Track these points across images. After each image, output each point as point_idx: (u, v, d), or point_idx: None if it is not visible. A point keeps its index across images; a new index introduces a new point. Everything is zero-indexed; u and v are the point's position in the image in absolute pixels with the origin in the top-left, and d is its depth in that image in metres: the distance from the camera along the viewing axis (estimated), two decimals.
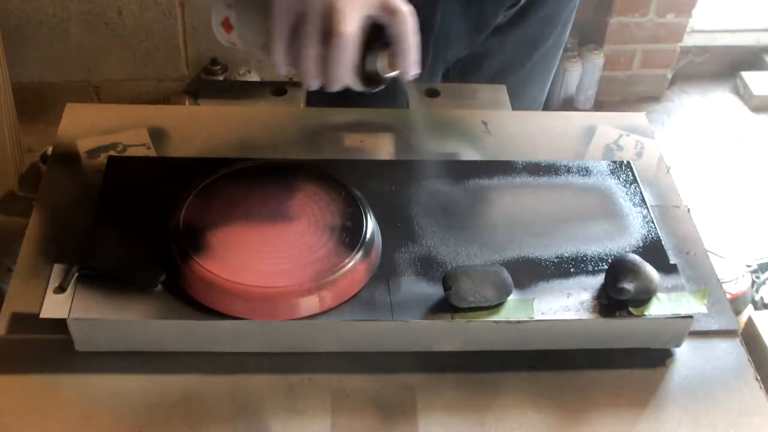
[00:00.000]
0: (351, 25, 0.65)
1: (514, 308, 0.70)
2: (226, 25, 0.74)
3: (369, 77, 0.70)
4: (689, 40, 2.59)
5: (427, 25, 1.02)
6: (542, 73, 1.18)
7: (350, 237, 0.73)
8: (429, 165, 0.85)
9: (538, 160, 0.87)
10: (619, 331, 0.72)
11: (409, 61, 0.69)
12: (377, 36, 0.68)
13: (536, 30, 1.09)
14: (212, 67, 2.28)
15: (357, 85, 0.70)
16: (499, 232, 0.78)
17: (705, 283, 0.78)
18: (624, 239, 0.78)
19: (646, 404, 0.70)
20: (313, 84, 0.69)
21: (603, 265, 0.75)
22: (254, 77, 2.29)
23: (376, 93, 0.72)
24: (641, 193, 0.83)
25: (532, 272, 0.74)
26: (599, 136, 0.94)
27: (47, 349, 0.70)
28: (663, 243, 0.78)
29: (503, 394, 0.70)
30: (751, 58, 2.71)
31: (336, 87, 0.69)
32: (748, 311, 1.86)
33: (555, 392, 0.70)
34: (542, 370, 0.72)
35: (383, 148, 0.91)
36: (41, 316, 0.67)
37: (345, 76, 0.68)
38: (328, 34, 0.65)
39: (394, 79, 0.71)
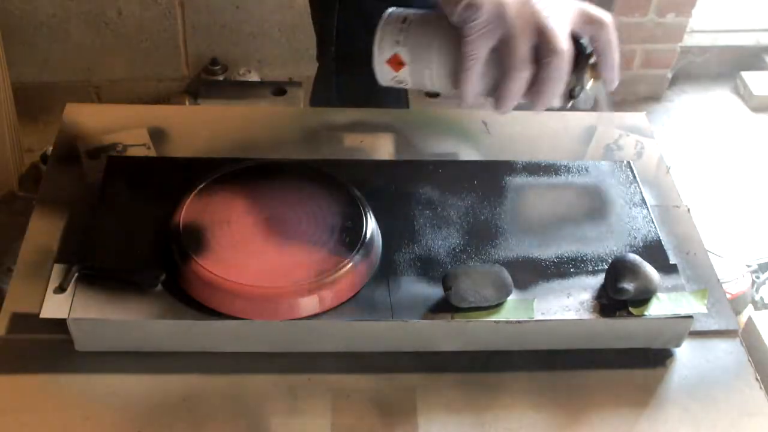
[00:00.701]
0: (567, 43, 0.64)
1: (514, 308, 0.70)
2: (395, 63, 0.70)
3: (573, 93, 0.68)
4: (689, 40, 2.59)
5: None
6: None
7: (350, 237, 0.73)
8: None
9: (538, 160, 0.87)
10: (619, 331, 0.72)
11: (615, 72, 0.68)
12: (579, 50, 0.67)
13: None
14: (212, 67, 2.27)
15: (558, 102, 0.69)
16: (499, 231, 0.78)
17: (705, 283, 0.78)
18: (624, 239, 0.78)
19: (646, 404, 0.70)
20: (511, 106, 0.67)
21: (603, 265, 0.75)
22: (254, 77, 2.29)
23: (383, 95, 0.71)
24: (641, 193, 0.83)
25: (532, 272, 0.74)
26: (599, 136, 0.94)
27: (47, 349, 0.70)
28: (663, 243, 0.78)
29: (503, 394, 0.70)
30: (751, 58, 2.71)
31: (544, 107, 0.67)
32: (748, 311, 1.86)
33: (555, 392, 0.70)
34: (542, 370, 0.72)
35: (383, 148, 0.91)
36: (41, 316, 0.67)
37: (558, 94, 0.66)
38: (545, 53, 0.63)
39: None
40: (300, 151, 0.90)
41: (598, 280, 0.73)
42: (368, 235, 0.73)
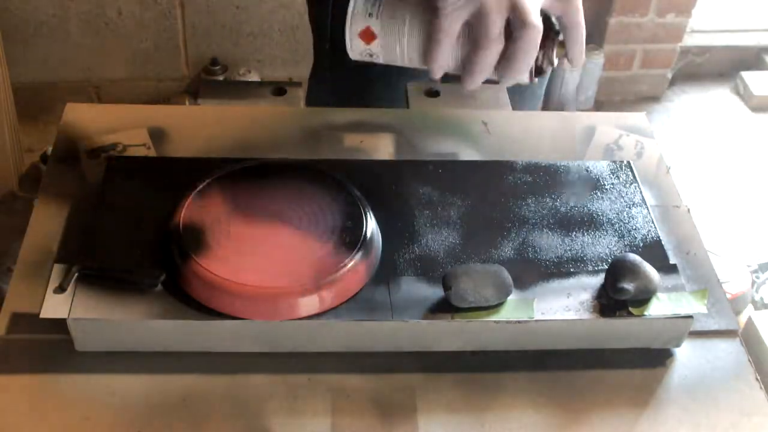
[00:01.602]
0: (538, 18, 0.66)
1: (514, 308, 0.70)
2: (367, 35, 0.72)
3: (539, 68, 0.71)
4: (689, 40, 2.59)
5: None
6: None
7: (350, 237, 0.73)
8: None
9: (538, 160, 0.87)
10: (620, 331, 0.72)
11: (581, 49, 0.70)
12: (549, 27, 0.69)
13: None
14: (212, 67, 2.28)
15: (527, 77, 0.71)
16: (499, 232, 0.78)
17: (705, 283, 0.78)
18: (624, 239, 0.78)
19: (646, 404, 0.70)
20: (480, 81, 0.69)
21: (603, 265, 0.75)
22: (254, 77, 2.29)
23: (378, 93, 0.72)
24: (641, 193, 0.83)
25: (532, 272, 0.74)
26: (599, 136, 0.94)
27: (47, 349, 0.70)
28: (663, 243, 0.78)
29: (503, 394, 0.70)
30: (751, 58, 2.71)
31: (514, 81, 0.70)
32: (748, 311, 1.87)
33: (555, 392, 0.70)
34: (542, 370, 0.72)
35: (383, 148, 0.91)
36: (41, 316, 0.67)
37: (528, 68, 0.69)
38: (517, 28, 0.66)
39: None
40: (300, 151, 0.90)
41: (598, 280, 0.73)
42: (368, 235, 0.73)
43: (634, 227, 0.79)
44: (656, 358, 0.73)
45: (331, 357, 0.71)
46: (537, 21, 0.66)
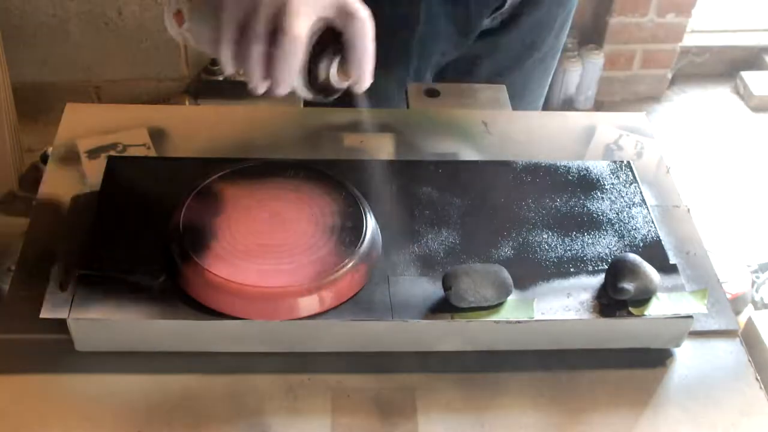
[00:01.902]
0: (301, 25, 0.62)
1: (514, 308, 0.70)
2: (178, 18, 0.71)
3: (321, 85, 0.67)
4: (689, 40, 2.59)
5: (409, 24, 1.01)
6: (539, 78, 1.18)
7: (350, 237, 0.73)
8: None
9: (538, 160, 0.87)
10: (619, 331, 0.72)
11: (363, 70, 0.65)
12: (332, 42, 0.65)
13: (530, 34, 1.09)
14: (212, 67, 2.27)
15: (306, 93, 0.68)
16: (500, 231, 0.78)
17: (705, 283, 0.78)
18: (624, 239, 0.78)
19: (646, 404, 0.70)
20: (259, 86, 0.66)
21: (603, 265, 0.75)
22: None
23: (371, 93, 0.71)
24: (641, 193, 0.83)
25: (532, 272, 0.74)
26: (599, 136, 0.94)
27: (47, 349, 0.70)
28: (663, 243, 0.78)
29: (503, 394, 0.70)
30: (751, 58, 2.71)
31: (282, 90, 0.66)
32: (748, 311, 1.87)
33: (555, 392, 0.70)
34: (542, 370, 0.72)
35: (383, 148, 0.91)
36: (41, 316, 0.67)
37: (291, 78, 0.65)
38: (277, 32, 0.62)
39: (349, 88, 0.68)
40: (300, 151, 0.90)
41: (598, 280, 0.73)
42: (368, 235, 0.73)
43: (634, 227, 0.79)
44: (656, 358, 0.73)
45: (331, 357, 0.71)
46: (297, 28, 0.61)
